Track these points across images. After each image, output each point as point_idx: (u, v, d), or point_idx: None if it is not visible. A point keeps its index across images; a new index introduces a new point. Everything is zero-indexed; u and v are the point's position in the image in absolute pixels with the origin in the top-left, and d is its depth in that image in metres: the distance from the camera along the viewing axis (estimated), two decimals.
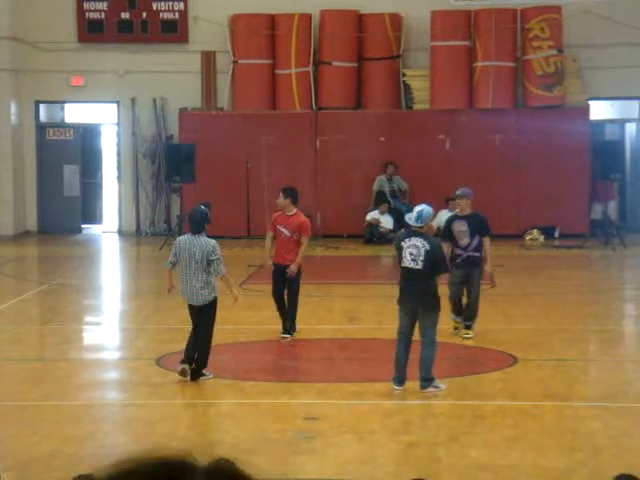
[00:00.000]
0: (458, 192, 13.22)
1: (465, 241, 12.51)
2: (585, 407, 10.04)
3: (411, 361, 10.86)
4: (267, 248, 13.18)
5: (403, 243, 10.43)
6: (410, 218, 10.55)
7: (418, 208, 10.65)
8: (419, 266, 10.32)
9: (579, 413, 9.88)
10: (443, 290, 11.25)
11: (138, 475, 1.55)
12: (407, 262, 10.38)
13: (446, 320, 12.19)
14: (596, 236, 22.90)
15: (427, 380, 10.34)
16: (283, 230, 12.89)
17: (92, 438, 9.19)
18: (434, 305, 10.37)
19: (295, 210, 12.99)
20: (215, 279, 11.03)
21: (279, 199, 13.14)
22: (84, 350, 13.45)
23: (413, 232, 10.46)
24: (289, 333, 12.70)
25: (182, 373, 10.73)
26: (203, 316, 10.92)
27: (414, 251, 10.34)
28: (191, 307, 11.04)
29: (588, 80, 24.47)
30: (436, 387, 10.38)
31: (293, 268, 12.66)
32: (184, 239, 11.20)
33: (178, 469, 1.58)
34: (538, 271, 19.44)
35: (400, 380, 10.38)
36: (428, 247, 10.33)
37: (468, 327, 12.64)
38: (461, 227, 12.64)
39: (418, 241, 10.38)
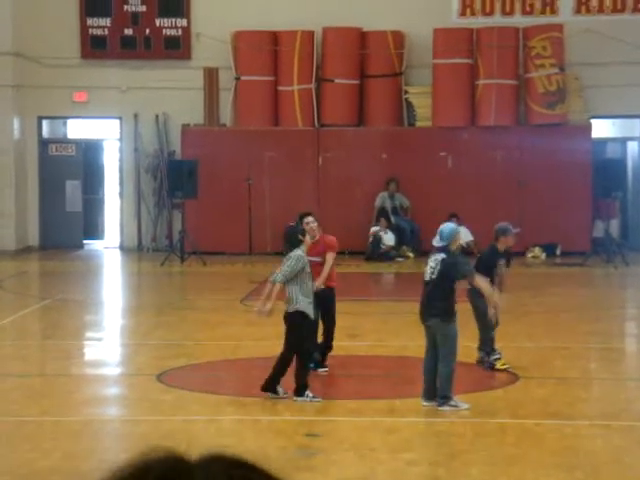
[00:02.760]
0: (509, 227, 12.75)
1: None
2: (586, 425, 10.02)
3: (410, 378, 10.85)
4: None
5: (429, 259, 10.69)
6: (435, 240, 10.79)
7: (439, 229, 10.81)
8: (434, 276, 10.46)
9: (580, 431, 9.85)
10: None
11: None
12: (427, 275, 10.57)
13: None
14: (598, 254, 22.89)
15: (442, 397, 10.32)
16: (314, 259, 11.66)
17: (92, 454, 9.17)
18: (445, 316, 10.40)
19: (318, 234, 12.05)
20: (296, 293, 10.76)
21: (314, 224, 11.89)
22: (85, 366, 13.43)
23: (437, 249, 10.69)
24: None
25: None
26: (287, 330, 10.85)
27: (433, 264, 10.54)
28: None
29: (590, 98, 24.51)
30: (454, 406, 10.31)
31: (320, 283, 11.69)
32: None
33: (174, 468, 1.56)
34: (540, 289, 19.42)
35: (426, 395, 10.42)
36: (444, 256, 10.49)
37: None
38: (503, 265, 12.47)
39: (438, 255, 10.56)
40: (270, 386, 10.79)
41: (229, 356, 13.14)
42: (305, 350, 10.87)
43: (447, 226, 10.86)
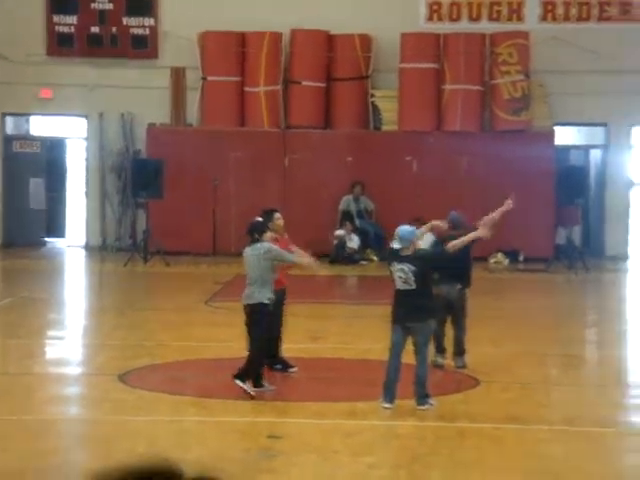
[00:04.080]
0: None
1: None
2: (546, 430, 10.11)
3: (373, 381, 10.91)
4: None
5: (391, 267, 10.63)
6: (394, 243, 10.72)
7: (396, 230, 10.82)
8: (412, 286, 10.49)
9: (540, 436, 9.94)
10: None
11: None
12: (399, 284, 10.57)
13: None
14: (560, 260, 23.07)
15: (425, 397, 10.53)
16: None
17: (53, 453, 9.13)
18: (428, 322, 10.58)
19: None
20: (265, 284, 10.97)
21: (281, 220, 12.04)
22: (47, 364, 13.37)
23: (398, 256, 10.59)
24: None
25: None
26: (255, 322, 10.98)
27: (402, 275, 10.53)
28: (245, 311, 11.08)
29: (554, 106, 24.70)
30: (431, 404, 10.55)
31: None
32: (246, 250, 11.21)
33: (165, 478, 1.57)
34: (502, 294, 19.56)
35: (392, 398, 10.48)
36: (414, 268, 10.49)
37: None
38: None
39: (404, 265, 10.53)
40: (259, 381, 11.10)
41: (192, 357, 13.14)
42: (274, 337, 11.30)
43: (404, 228, 10.81)
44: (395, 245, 10.69)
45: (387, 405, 10.53)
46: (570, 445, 9.62)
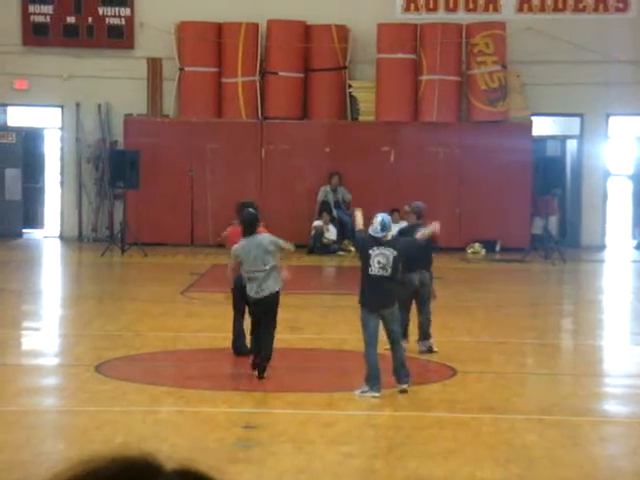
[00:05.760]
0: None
1: None
2: (521, 420, 10.16)
3: (349, 371, 10.92)
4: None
5: (371, 251, 10.58)
6: (375, 231, 10.64)
7: (378, 219, 10.74)
8: (387, 273, 10.56)
9: (515, 426, 9.98)
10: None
11: (98, 478, 1.52)
12: (375, 270, 10.54)
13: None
14: (536, 250, 23.17)
15: (409, 376, 10.66)
16: None
17: (28, 444, 9.10)
18: (396, 307, 10.73)
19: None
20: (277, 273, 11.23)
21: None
22: (22, 355, 13.32)
23: (378, 241, 10.60)
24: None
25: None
26: (273, 311, 11.21)
27: (382, 260, 10.54)
28: (257, 303, 11.19)
29: (531, 96, 24.77)
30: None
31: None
32: (243, 244, 11.20)
33: (142, 471, 1.55)
34: (479, 284, 19.62)
35: (379, 386, 10.54)
36: (396, 253, 10.60)
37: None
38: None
39: (386, 250, 10.58)
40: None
41: (169, 347, 13.13)
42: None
43: (387, 216, 10.87)
44: (375, 233, 10.65)
45: (378, 394, 10.55)
46: (545, 434, 9.67)
